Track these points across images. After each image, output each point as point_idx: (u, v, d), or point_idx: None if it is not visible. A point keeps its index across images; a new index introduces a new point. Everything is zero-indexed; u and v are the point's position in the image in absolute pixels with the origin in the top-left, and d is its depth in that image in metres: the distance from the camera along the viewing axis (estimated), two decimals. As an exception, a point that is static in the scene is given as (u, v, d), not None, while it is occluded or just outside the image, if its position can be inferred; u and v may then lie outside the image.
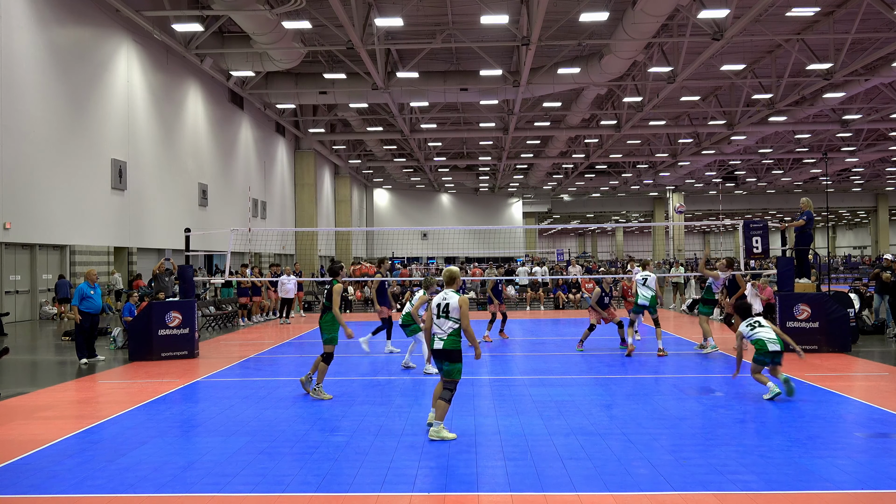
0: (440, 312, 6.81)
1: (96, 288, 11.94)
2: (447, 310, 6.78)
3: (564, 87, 27.60)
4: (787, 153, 45.06)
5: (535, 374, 10.30)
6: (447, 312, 6.78)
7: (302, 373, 11.14)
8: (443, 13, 22.90)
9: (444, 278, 7.11)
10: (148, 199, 23.76)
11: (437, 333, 6.79)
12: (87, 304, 11.70)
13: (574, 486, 5.34)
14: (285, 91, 28.40)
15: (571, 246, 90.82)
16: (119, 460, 6.15)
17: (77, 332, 11.80)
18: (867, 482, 5.37)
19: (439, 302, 6.85)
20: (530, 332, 16.04)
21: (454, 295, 6.86)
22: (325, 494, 5.24)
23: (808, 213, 13.01)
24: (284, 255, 38.33)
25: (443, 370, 6.79)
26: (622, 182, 59.57)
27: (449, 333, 6.73)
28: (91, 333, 11.89)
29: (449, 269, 7.11)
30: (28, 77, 17.98)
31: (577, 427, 7.08)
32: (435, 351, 6.79)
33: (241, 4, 18.44)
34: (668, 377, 10.05)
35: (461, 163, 49.19)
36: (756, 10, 18.50)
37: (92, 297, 11.74)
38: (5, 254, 17.99)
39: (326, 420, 7.57)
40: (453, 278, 7.03)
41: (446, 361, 6.74)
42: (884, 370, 10.51)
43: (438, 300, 6.88)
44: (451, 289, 6.96)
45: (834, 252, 79.89)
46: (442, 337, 6.75)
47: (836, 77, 25.18)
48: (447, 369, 6.75)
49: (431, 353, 6.88)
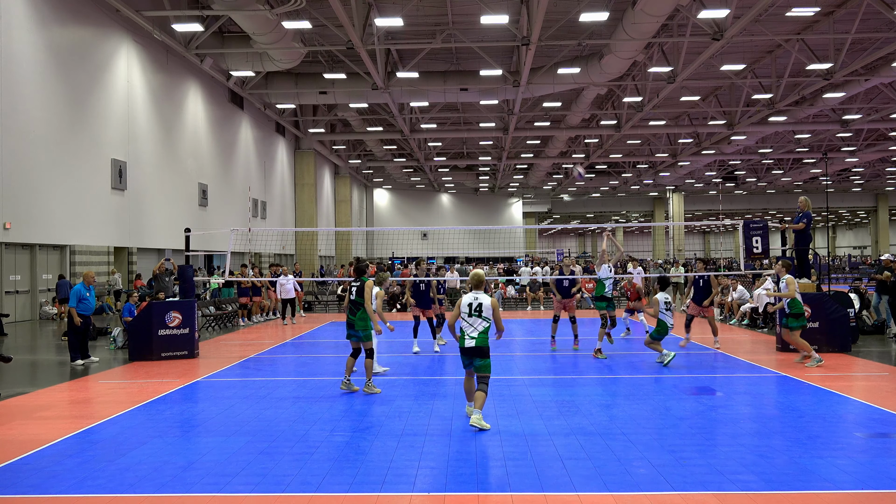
0: (472, 312, 7.22)
1: (91, 289, 11.92)
2: (480, 310, 7.21)
3: (564, 87, 27.61)
4: (787, 153, 45.07)
5: (535, 374, 10.30)
6: (480, 312, 7.21)
7: (302, 372, 11.13)
8: (443, 13, 22.90)
9: (471, 281, 7.46)
10: (148, 199, 23.76)
11: (468, 331, 7.18)
12: (83, 306, 11.67)
13: (574, 486, 5.33)
14: (285, 91, 28.41)
15: (571, 246, 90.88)
16: (119, 460, 6.15)
17: (71, 332, 11.72)
18: (867, 482, 5.37)
19: (471, 302, 7.25)
20: (530, 332, 16.03)
21: (485, 296, 7.28)
22: (325, 494, 5.24)
23: (808, 213, 13.01)
24: (284, 255, 38.33)
25: (474, 366, 7.22)
26: (622, 182, 59.59)
27: (480, 332, 7.16)
28: (86, 335, 11.87)
29: (476, 273, 7.48)
30: (28, 77, 17.98)
31: (577, 427, 7.07)
32: (467, 349, 7.19)
33: (241, 4, 18.44)
34: (668, 377, 10.04)
35: (461, 163, 49.20)
36: (756, 10, 18.50)
37: (88, 298, 11.72)
38: (5, 254, 17.99)
39: (326, 420, 7.57)
40: (480, 281, 7.42)
41: (477, 358, 7.18)
42: (884, 370, 10.51)
43: (469, 300, 7.27)
44: (480, 290, 7.36)
45: (834, 252, 79.89)
46: (473, 335, 7.16)
47: (836, 77, 25.19)
48: (479, 365, 7.18)
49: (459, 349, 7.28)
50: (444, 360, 12.03)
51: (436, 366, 11.43)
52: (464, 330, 7.24)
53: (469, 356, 7.23)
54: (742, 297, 18.10)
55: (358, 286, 9.17)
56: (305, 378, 10.32)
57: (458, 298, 7.65)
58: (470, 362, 7.27)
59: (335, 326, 18.84)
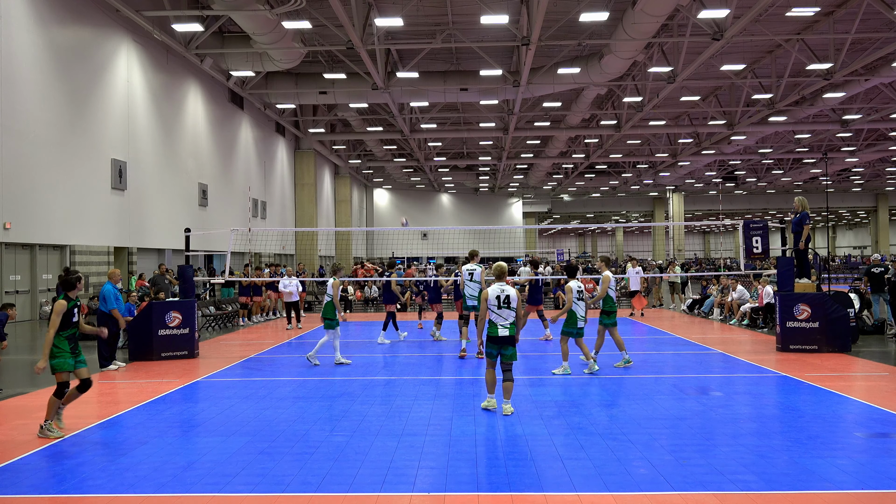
0: (501, 304, 7.57)
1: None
2: (508, 301, 7.59)
3: (564, 87, 27.59)
4: (787, 153, 45.05)
5: (535, 374, 10.30)
6: (508, 303, 7.58)
7: (302, 372, 11.15)
8: (443, 13, 22.90)
9: (494, 273, 7.85)
10: (148, 199, 23.75)
11: (500, 322, 7.58)
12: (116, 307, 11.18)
13: (574, 486, 5.34)
14: (285, 91, 28.40)
15: (571, 246, 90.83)
16: (119, 460, 6.15)
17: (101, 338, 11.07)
18: (867, 482, 5.37)
19: (498, 294, 7.60)
20: (530, 333, 16.03)
21: (511, 288, 7.66)
22: (325, 494, 5.24)
23: (804, 213, 13.02)
24: (284, 255, 38.33)
25: (504, 354, 7.63)
26: (622, 182, 59.57)
27: (511, 322, 7.60)
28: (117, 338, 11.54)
29: (499, 265, 7.85)
30: (28, 77, 17.97)
31: (577, 427, 7.08)
32: (500, 338, 7.57)
33: (241, 4, 18.44)
34: (668, 377, 10.05)
35: (461, 163, 49.18)
36: (756, 10, 18.50)
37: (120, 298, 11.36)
38: (5, 254, 17.98)
39: (326, 420, 7.57)
40: (503, 272, 7.82)
41: (509, 346, 7.62)
42: (884, 370, 10.51)
43: (497, 293, 7.60)
44: (503, 281, 7.74)
45: (834, 252, 79.89)
46: (505, 325, 7.58)
47: (836, 77, 25.18)
48: (510, 353, 7.63)
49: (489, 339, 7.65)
50: (442, 360, 12.03)
51: (436, 366, 11.43)
52: (494, 322, 7.58)
53: (500, 344, 7.59)
54: (742, 297, 18.10)
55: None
56: (305, 378, 10.32)
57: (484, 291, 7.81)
58: (499, 351, 7.63)
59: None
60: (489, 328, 7.66)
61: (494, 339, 7.60)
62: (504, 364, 7.65)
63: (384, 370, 11.08)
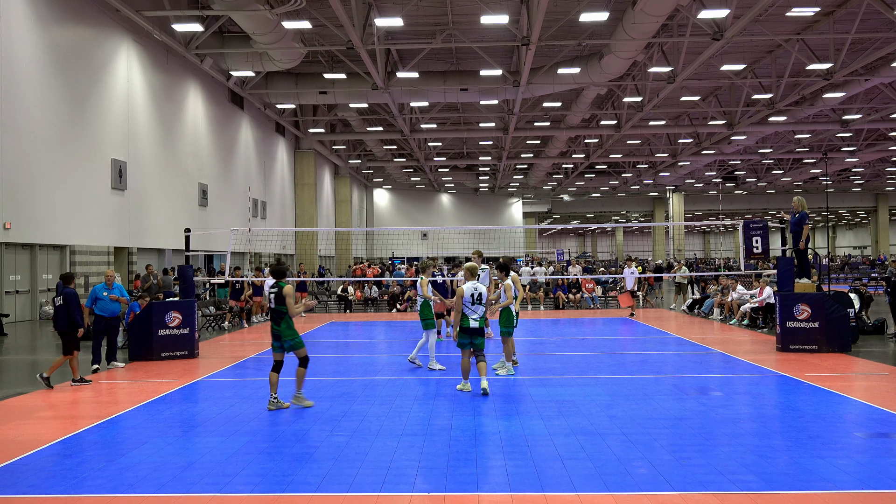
0: (474, 301, 8.76)
1: (117, 288, 11.53)
2: (481, 298, 8.81)
3: (564, 87, 27.59)
4: (787, 153, 45.03)
5: (535, 374, 10.29)
6: (481, 300, 8.81)
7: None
8: (443, 13, 22.90)
9: (467, 273, 9.09)
10: (148, 199, 23.75)
11: (472, 316, 8.77)
12: (99, 307, 11.25)
13: (574, 486, 5.34)
14: (285, 91, 28.39)
15: (571, 246, 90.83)
16: (119, 460, 6.15)
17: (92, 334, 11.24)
18: (867, 482, 5.37)
19: (472, 292, 8.78)
20: (530, 332, 16.03)
21: (482, 286, 8.93)
22: (325, 494, 5.24)
23: (803, 213, 13.02)
24: (284, 255, 38.33)
25: (475, 343, 8.84)
26: (622, 182, 59.56)
27: (481, 316, 8.84)
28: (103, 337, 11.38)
29: (470, 265, 9.20)
30: (28, 77, 17.97)
31: (577, 427, 7.07)
32: (472, 329, 8.78)
33: (241, 4, 18.43)
34: (668, 377, 10.05)
35: (461, 163, 49.17)
36: (756, 10, 18.49)
37: (105, 298, 11.30)
38: (5, 254, 17.98)
39: (326, 420, 7.57)
40: (474, 272, 9.15)
41: (479, 336, 8.85)
42: (884, 370, 10.51)
43: (471, 290, 8.78)
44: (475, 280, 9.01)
45: (834, 252, 79.87)
46: (476, 319, 8.79)
47: (836, 77, 25.18)
48: (479, 342, 8.86)
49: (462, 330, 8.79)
50: (442, 360, 12.03)
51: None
52: (467, 315, 8.75)
53: (471, 335, 8.81)
54: (742, 297, 18.10)
55: (276, 293, 8.05)
56: (305, 378, 10.29)
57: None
58: (470, 341, 8.82)
59: (335, 326, 18.85)
60: (462, 321, 8.77)
61: (466, 331, 8.78)
62: (476, 351, 8.87)
63: (384, 370, 11.07)
